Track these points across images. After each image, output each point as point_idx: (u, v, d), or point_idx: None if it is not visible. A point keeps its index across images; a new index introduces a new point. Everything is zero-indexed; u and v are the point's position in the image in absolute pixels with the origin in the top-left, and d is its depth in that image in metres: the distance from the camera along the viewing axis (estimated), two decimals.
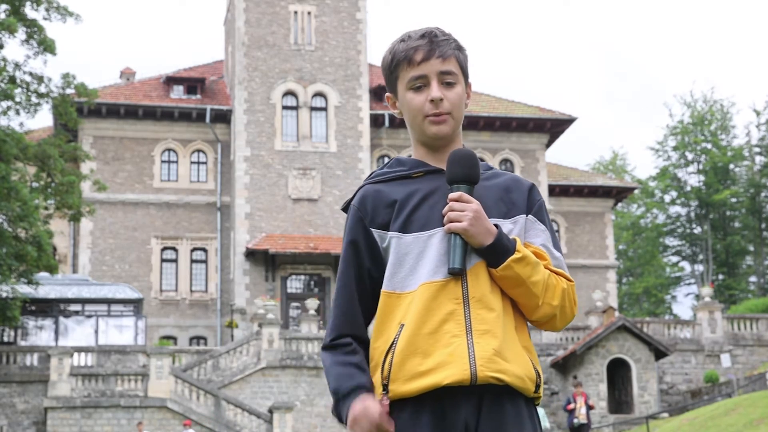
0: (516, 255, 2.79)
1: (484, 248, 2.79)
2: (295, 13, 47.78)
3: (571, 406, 25.41)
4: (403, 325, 2.79)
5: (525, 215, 2.93)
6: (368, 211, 2.91)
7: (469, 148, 2.91)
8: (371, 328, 2.91)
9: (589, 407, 25.55)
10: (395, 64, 2.93)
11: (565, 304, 2.88)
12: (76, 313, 38.43)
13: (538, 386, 2.83)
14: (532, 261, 2.82)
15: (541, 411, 25.24)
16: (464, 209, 2.79)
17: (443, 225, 2.82)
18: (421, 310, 2.77)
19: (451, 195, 2.82)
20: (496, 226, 2.83)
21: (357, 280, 2.90)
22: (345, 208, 3.00)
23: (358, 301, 2.90)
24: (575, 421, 25.18)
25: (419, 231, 2.84)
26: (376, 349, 2.85)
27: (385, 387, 2.77)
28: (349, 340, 2.87)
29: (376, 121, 48.65)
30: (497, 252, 2.79)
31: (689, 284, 74.89)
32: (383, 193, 2.92)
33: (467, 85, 2.99)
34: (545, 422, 25.51)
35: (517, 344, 2.81)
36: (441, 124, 2.90)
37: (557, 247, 2.96)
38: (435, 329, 2.75)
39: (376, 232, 2.89)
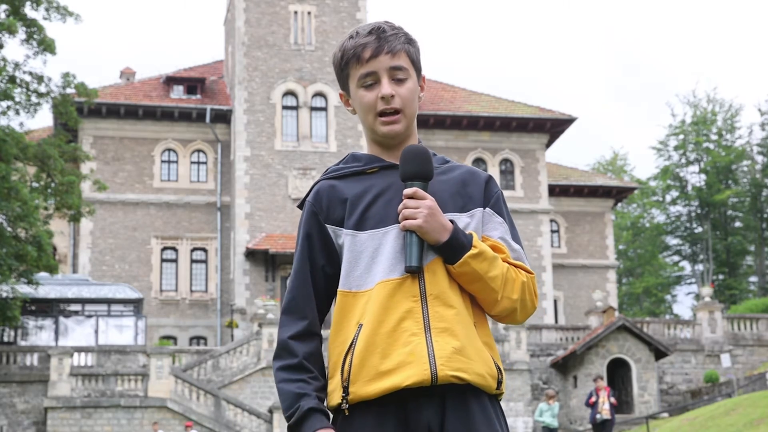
0: (472, 251, 2.76)
1: (440, 245, 2.76)
2: (295, 13, 47.78)
3: (593, 400, 24.02)
4: (361, 325, 2.75)
5: (482, 208, 2.90)
6: (323, 206, 2.88)
7: (421, 145, 2.88)
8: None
9: (612, 405, 24.08)
10: (345, 62, 2.90)
11: (526, 298, 2.85)
12: (76, 313, 38.43)
13: (500, 383, 2.79)
14: (489, 256, 2.78)
15: (555, 407, 24.27)
16: (418, 206, 2.75)
17: (398, 222, 2.79)
18: (379, 309, 2.73)
19: (406, 191, 2.78)
20: (452, 221, 2.79)
21: (312, 278, 2.87)
22: (301, 205, 2.97)
23: (313, 298, 2.86)
24: (598, 416, 23.75)
25: (374, 228, 2.81)
26: (334, 350, 2.81)
27: (346, 389, 2.73)
28: (299, 360, 2.78)
29: None
30: (453, 248, 2.76)
31: (689, 284, 74.95)
32: (338, 189, 2.89)
33: (420, 78, 2.95)
34: (554, 421, 24.16)
35: (477, 341, 2.77)
36: (393, 123, 2.88)
37: (516, 239, 2.93)
38: (393, 328, 2.71)
39: (330, 228, 2.86)
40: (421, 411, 2.71)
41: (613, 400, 24.22)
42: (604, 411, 23.64)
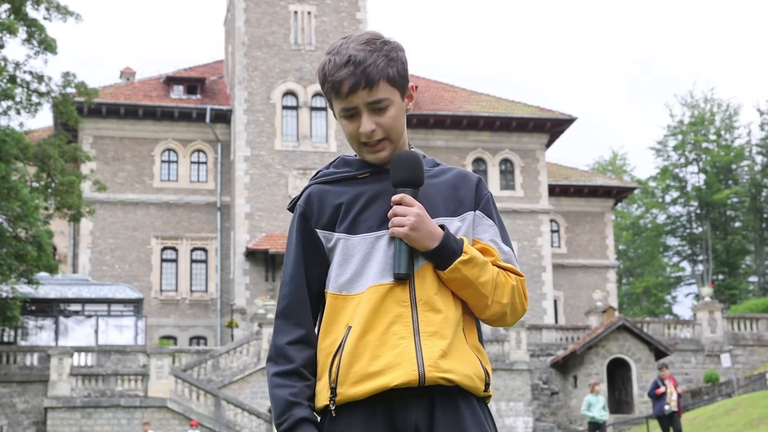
0: (463, 257, 2.76)
1: (429, 251, 2.77)
2: (295, 13, 47.78)
3: (661, 390, 21.89)
4: (350, 328, 2.76)
5: (473, 211, 2.91)
6: (314, 211, 2.87)
7: (412, 150, 2.88)
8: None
9: (679, 395, 22.24)
10: (326, 90, 2.88)
11: (516, 301, 2.86)
12: (76, 313, 38.43)
13: (487, 385, 2.81)
14: (480, 261, 2.79)
15: (602, 398, 23.39)
16: (406, 213, 2.75)
17: (389, 227, 2.80)
18: (369, 313, 2.74)
19: (394, 198, 2.79)
20: (443, 226, 2.80)
21: (306, 283, 2.86)
22: (291, 208, 2.95)
23: (308, 304, 2.86)
24: (667, 407, 21.75)
25: (366, 232, 2.81)
26: (322, 352, 2.80)
27: (333, 390, 2.73)
28: (296, 366, 2.78)
29: None
30: (443, 255, 2.76)
31: (689, 284, 74.95)
32: (329, 194, 2.88)
33: (407, 90, 2.90)
34: (604, 414, 22.96)
35: (465, 344, 2.79)
36: (378, 152, 2.87)
37: (506, 241, 2.93)
38: (383, 332, 2.73)
39: (321, 233, 2.86)
40: (408, 411, 2.72)
41: (680, 390, 22.51)
42: (673, 402, 21.84)
